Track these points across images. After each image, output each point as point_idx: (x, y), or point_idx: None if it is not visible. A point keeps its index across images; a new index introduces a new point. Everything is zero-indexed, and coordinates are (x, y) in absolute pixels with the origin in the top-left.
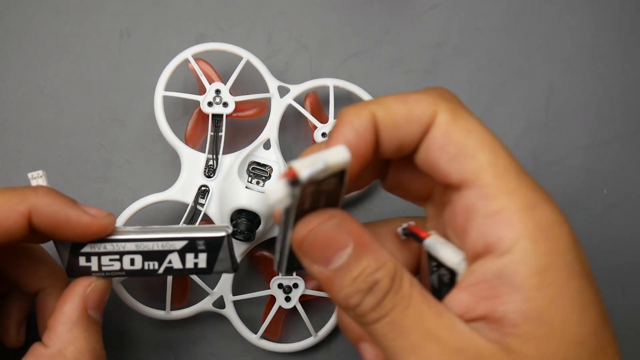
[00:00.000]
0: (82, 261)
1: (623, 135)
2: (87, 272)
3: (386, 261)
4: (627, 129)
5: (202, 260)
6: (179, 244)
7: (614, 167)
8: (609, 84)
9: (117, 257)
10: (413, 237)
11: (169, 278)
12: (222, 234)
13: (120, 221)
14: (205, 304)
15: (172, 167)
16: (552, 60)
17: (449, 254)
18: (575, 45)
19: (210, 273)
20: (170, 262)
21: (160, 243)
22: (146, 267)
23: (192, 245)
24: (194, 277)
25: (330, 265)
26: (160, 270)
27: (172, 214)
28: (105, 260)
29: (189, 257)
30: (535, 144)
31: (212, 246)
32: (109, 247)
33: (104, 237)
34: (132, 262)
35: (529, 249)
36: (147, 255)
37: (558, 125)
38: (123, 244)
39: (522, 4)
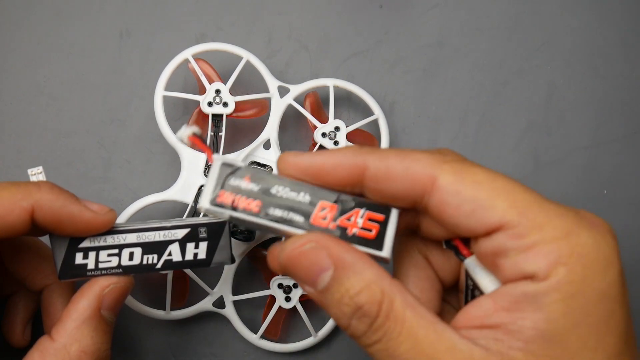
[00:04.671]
0: (78, 258)
1: (623, 135)
2: (82, 271)
3: (371, 282)
4: (627, 129)
5: (202, 250)
6: (181, 232)
7: (614, 167)
8: (609, 84)
9: (116, 251)
10: (455, 251)
11: (169, 277)
12: (223, 219)
13: (120, 222)
14: (205, 304)
15: (172, 167)
16: (552, 60)
17: (486, 283)
18: (575, 45)
19: (209, 265)
20: (170, 254)
21: (162, 232)
22: (145, 262)
23: (194, 233)
24: (194, 277)
25: (317, 287)
26: (159, 265)
27: (172, 214)
28: (103, 255)
29: (190, 246)
30: (535, 144)
31: (214, 233)
32: (109, 239)
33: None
34: (131, 256)
35: (563, 276)
36: (147, 248)
37: (558, 125)
38: (124, 235)
39: (522, 4)
